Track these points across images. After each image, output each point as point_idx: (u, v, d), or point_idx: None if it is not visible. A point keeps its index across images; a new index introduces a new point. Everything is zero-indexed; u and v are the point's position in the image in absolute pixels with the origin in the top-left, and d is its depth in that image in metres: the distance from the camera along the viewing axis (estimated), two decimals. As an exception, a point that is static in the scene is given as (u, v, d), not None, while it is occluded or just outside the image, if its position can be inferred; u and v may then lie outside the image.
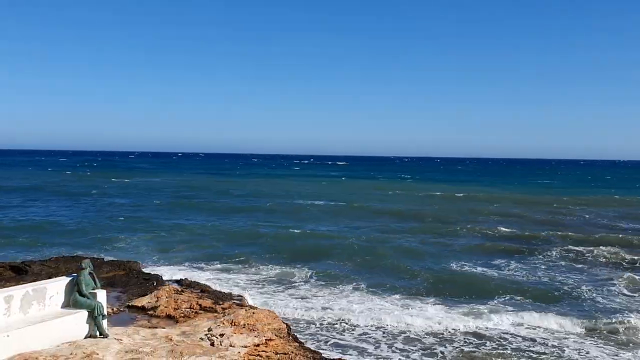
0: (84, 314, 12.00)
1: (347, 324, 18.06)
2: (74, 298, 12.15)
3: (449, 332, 17.54)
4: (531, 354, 15.86)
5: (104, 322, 12.27)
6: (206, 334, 13.07)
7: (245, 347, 12.35)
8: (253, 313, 14.62)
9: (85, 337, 11.95)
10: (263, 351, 12.41)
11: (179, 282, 21.00)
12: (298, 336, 16.04)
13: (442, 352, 15.88)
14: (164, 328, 13.96)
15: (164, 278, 21.25)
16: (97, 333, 12.09)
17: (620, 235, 36.88)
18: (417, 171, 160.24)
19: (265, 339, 12.98)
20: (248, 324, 13.79)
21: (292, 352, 12.71)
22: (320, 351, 14.96)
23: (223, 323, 13.84)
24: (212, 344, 12.45)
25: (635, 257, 29.67)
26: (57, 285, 12.19)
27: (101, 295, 12.42)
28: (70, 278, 12.45)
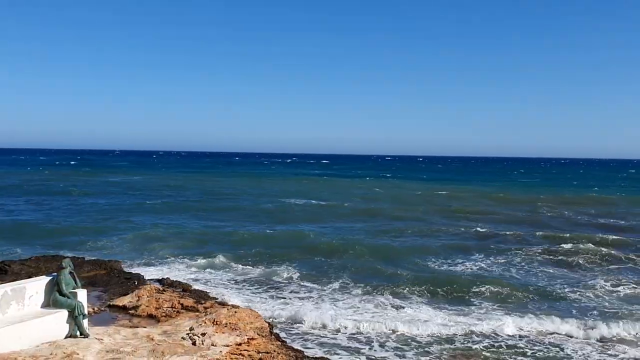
0: (64, 313, 11.91)
1: (335, 323, 17.92)
2: (54, 297, 12.06)
3: (441, 331, 17.47)
4: (526, 352, 16.04)
5: (85, 322, 12.19)
6: (188, 333, 13.04)
7: (227, 346, 12.34)
8: (235, 312, 14.61)
9: (66, 337, 11.86)
10: (245, 350, 12.41)
11: (160, 281, 20.92)
12: (284, 336, 16.09)
13: (436, 351, 15.87)
14: (145, 327, 13.91)
15: (146, 277, 21.15)
16: (78, 333, 12.01)
17: (598, 234, 37.26)
18: (400, 169, 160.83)
19: (248, 338, 12.99)
20: (230, 323, 13.78)
21: (275, 351, 12.73)
22: (307, 350, 15.01)
23: (205, 322, 13.81)
24: (194, 343, 12.42)
25: (614, 253, 30.09)
26: (37, 285, 12.09)
27: (82, 295, 12.35)
28: (50, 277, 12.36)
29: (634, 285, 23.76)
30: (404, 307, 19.97)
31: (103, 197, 58.25)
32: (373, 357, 15.40)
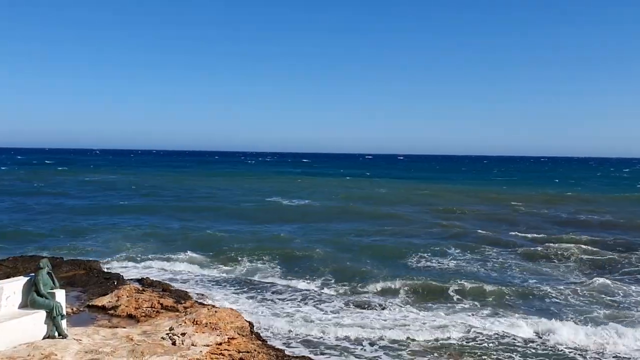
0: (42, 314, 11.82)
1: (321, 323, 17.74)
2: (32, 298, 11.95)
3: (431, 330, 17.33)
4: (517, 348, 16.16)
5: (63, 323, 12.10)
6: (168, 333, 13.00)
7: (207, 345, 12.32)
8: (215, 312, 14.59)
9: (44, 338, 11.77)
10: (225, 350, 12.40)
11: (140, 281, 20.81)
12: (268, 335, 16.05)
13: (428, 350, 15.78)
14: (124, 328, 13.84)
15: (125, 277, 21.03)
16: (56, 334, 11.92)
17: (575, 231, 37.74)
18: (380, 168, 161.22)
19: (228, 338, 12.98)
20: (210, 322, 13.76)
21: (255, 350, 12.74)
22: (293, 350, 15.00)
23: (185, 322, 13.78)
24: (174, 343, 12.39)
25: (591, 249, 30.51)
26: (14, 285, 11.98)
27: (60, 295, 12.25)
28: (28, 278, 12.25)
29: (609, 282, 24.11)
30: (390, 307, 19.90)
31: (80, 196, 57.73)
32: (364, 357, 15.23)
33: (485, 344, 16.42)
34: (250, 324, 15.19)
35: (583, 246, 32.20)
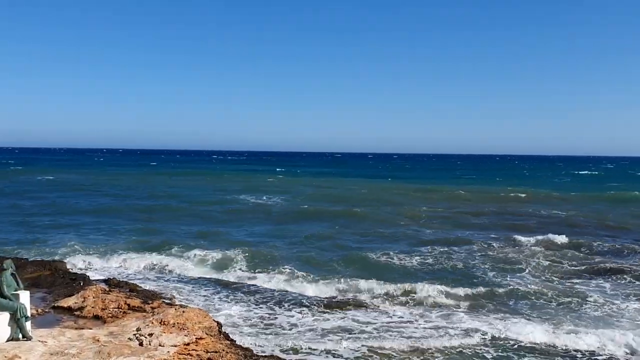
0: (5, 316, 11.67)
1: (294, 323, 17.81)
2: (-5, 300, 11.79)
3: (413, 330, 17.47)
4: (505, 345, 16.51)
5: (28, 324, 11.97)
6: (135, 334, 12.93)
7: (175, 346, 12.30)
8: (183, 312, 14.55)
9: (7, 341, 11.63)
10: (193, 350, 12.39)
11: (106, 281, 20.62)
12: (241, 332, 16.03)
13: (416, 352, 15.84)
14: (91, 329, 13.72)
15: (91, 277, 20.83)
16: (20, 336, 11.79)
17: (538, 233, 38.29)
18: (348, 166, 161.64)
19: (196, 338, 12.96)
20: (178, 323, 13.72)
21: (223, 350, 12.75)
22: (262, 349, 15.00)
23: (152, 322, 13.71)
24: (141, 344, 12.33)
25: (556, 246, 31.10)
26: (-23, 288, 11.79)
27: (24, 297, 12.11)
28: (-9, 280, 12.07)
29: (575, 280, 24.67)
30: (363, 308, 20.00)
31: (42, 197, 56.50)
32: (342, 357, 15.16)
33: (460, 344, 16.56)
34: (219, 324, 15.17)
35: (550, 245, 32.75)
